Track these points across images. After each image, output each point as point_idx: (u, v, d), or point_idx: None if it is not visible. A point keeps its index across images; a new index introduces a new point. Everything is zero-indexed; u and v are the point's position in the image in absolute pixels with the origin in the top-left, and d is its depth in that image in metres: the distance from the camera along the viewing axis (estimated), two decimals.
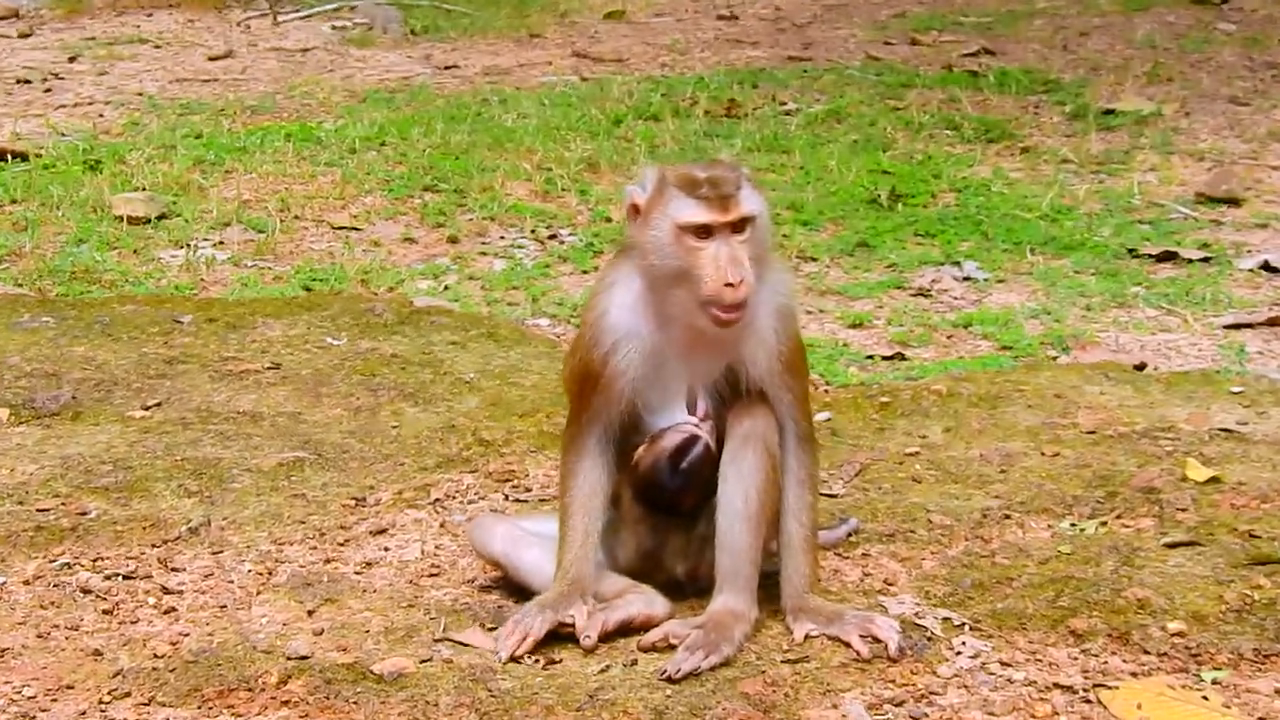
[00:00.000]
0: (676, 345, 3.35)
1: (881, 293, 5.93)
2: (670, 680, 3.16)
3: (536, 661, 3.25)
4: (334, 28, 12.09)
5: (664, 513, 3.47)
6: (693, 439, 3.38)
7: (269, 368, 5.08)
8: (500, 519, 3.70)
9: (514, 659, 3.26)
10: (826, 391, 4.89)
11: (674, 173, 3.31)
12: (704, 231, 3.24)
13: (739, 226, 3.24)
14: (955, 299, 5.88)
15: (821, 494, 4.04)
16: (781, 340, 3.37)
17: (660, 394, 3.40)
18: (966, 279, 6.06)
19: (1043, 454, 4.30)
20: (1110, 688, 3.15)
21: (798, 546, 3.42)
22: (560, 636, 3.32)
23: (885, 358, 5.26)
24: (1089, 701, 3.11)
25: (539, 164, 7.57)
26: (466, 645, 3.34)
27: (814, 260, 6.32)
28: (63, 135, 8.42)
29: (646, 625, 3.37)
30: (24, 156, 7.75)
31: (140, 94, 9.70)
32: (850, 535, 3.82)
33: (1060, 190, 7.15)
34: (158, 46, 11.40)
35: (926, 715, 3.07)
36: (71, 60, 10.84)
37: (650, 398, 3.40)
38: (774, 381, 3.37)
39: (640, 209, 3.31)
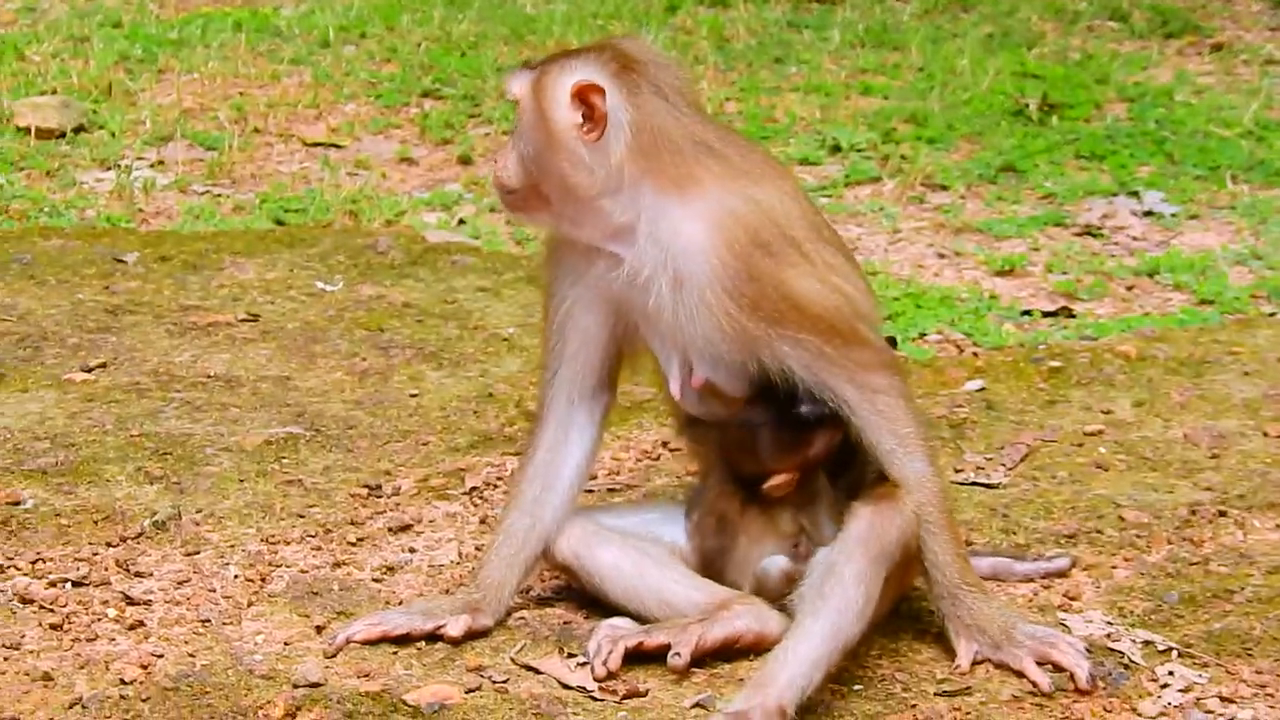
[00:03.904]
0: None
1: (1036, 230, 6.04)
2: None
3: (614, 692, 3.36)
4: None
5: (748, 480, 3.52)
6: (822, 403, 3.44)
7: (244, 319, 5.20)
8: None
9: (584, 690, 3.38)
10: (976, 355, 5.01)
11: None
12: None
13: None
14: (1134, 239, 5.98)
15: (978, 483, 4.17)
16: (737, 284, 3.32)
17: (662, 350, 3.51)
18: (1148, 214, 6.17)
19: (1266, 434, 4.42)
20: None
21: (934, 525, 3.43)
22: (645, 656, 3.43)
23: (1047, 313, 5.37)
24: None
25: None
26: (537, 671, 3.44)
27: (945, 189, 6.41)
28: None
29: (757, 647, 3.48)
30: None
31: None
32: (1058, 575, 3.80)
33: (1267, 100, 7.22)
34: None
35: None
36: None
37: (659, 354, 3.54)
38: (744, 343, 3.35)
39: None
